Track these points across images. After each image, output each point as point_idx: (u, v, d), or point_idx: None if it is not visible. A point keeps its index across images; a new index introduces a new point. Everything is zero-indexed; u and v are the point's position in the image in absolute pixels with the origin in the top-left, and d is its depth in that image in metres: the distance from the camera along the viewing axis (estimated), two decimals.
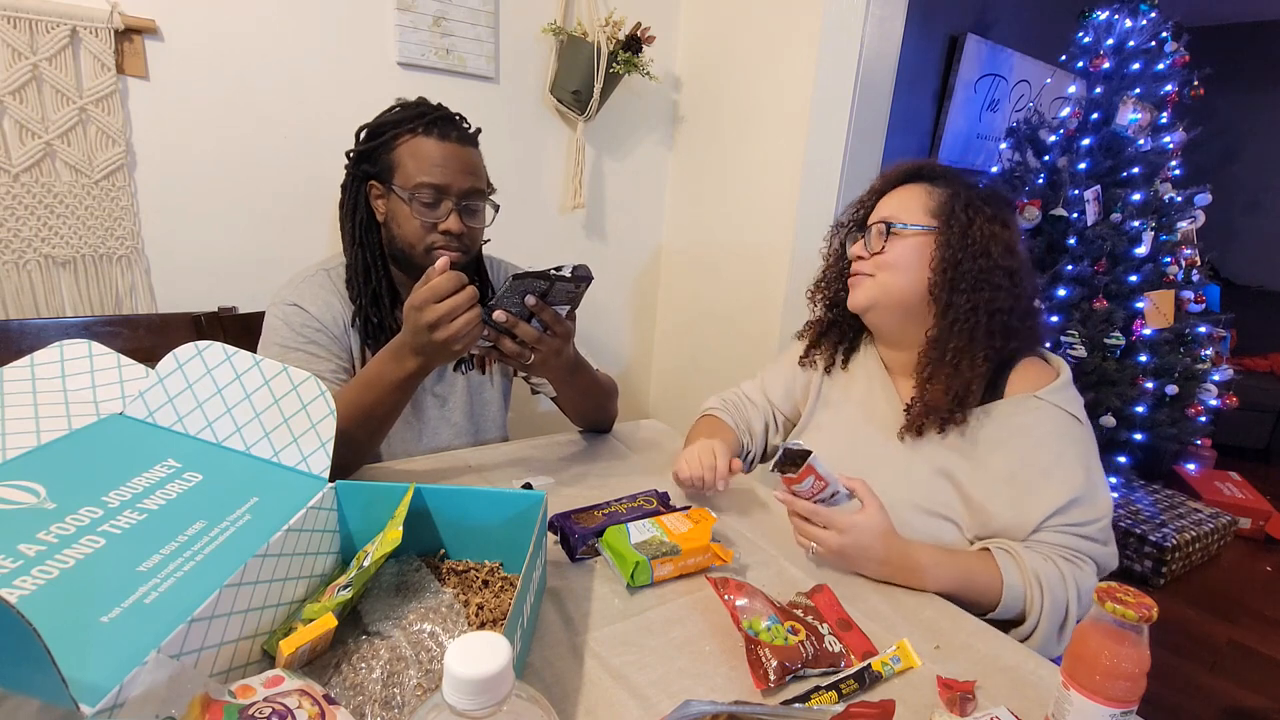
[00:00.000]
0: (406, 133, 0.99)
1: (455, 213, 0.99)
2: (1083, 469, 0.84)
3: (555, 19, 1.69)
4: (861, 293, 0.95)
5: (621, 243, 2.05)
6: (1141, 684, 0.50)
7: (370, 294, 1.03)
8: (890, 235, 0.92)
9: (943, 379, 0.88)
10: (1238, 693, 1.82)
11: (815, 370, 1.08)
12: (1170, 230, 2.51)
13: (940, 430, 0.89)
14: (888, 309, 0.94)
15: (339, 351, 1.01)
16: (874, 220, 0.96)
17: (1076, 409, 0.87)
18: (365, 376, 0.88)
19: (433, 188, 0.98)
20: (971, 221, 0.88)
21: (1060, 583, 0.79)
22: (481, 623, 0.61)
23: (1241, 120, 4.00)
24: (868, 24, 1.49)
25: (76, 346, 0.68)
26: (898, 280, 0.92)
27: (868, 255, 0.94)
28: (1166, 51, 2.50)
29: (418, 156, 0.98)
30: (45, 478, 0.54)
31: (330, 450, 0.66)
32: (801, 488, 0.78)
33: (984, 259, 0.87)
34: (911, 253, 0.91)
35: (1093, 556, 0.83)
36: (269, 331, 1.00)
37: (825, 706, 0.58)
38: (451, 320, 0.79)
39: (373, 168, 1.02)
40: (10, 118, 1.15)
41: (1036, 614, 0.78)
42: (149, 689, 0.40)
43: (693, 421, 1.15)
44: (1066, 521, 0.82)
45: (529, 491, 0.69)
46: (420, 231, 0.99)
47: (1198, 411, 2.60)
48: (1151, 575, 2.32)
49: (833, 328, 1.06)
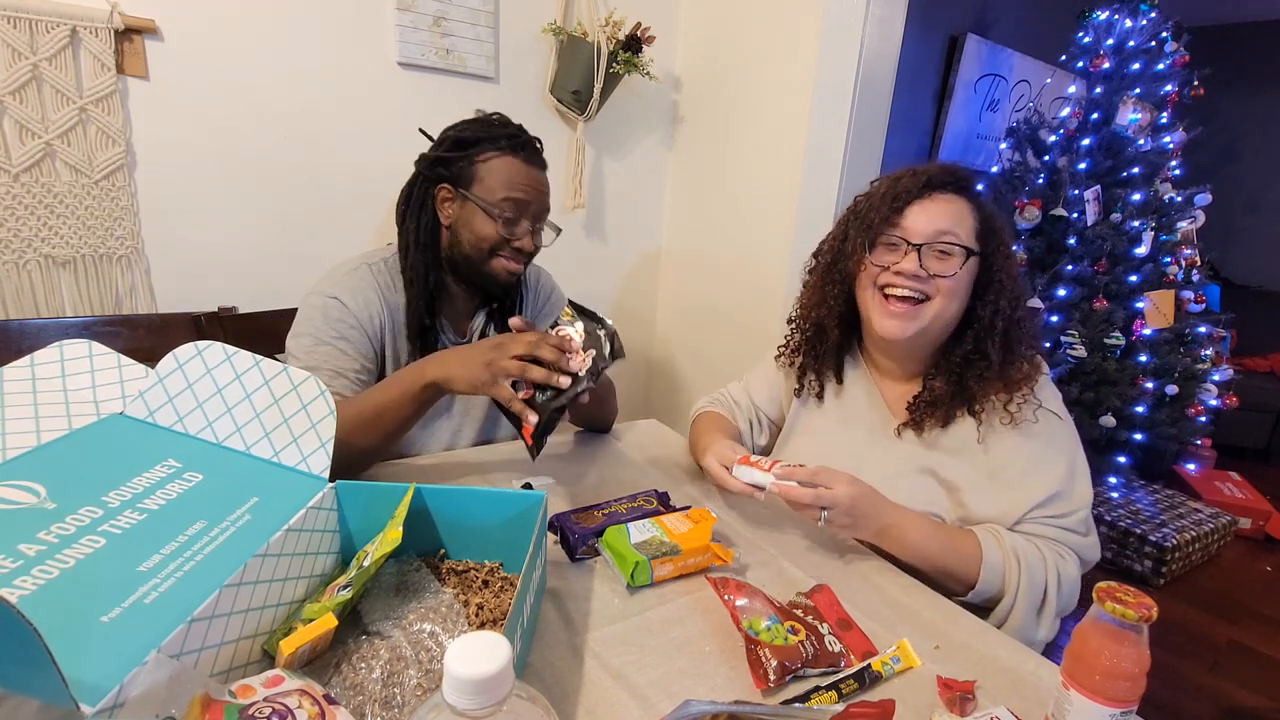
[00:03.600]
0: (495, 149, 1.02)
1: (533, 233, 1.05)
2: (1065, 464, 0.86)
3: (555, 19, 1.69)
4: (910, 321, 0.85)
5: (621, 242, 2.05)
6: (1141, 684, 0.50)
7: (426, 295, 1.05)
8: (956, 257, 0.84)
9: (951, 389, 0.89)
10: (1238, 693, 1.82)
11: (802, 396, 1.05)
12: (1170, 230, 2.51)
13: (943, 425, 0.90)
14: (931, 336, 0.89)
15: (368, 351, 1.02)
16: (926, 235, 0.84)
17: (1057, 405, 0.89)
18: (385, 380, 0.90)
19: (517, 204, 1.01)
20: (1009, 255, 0.88)
21: (1040, 564, 0.80)
22: (481, 623, 0.61)
23: (1241, 120, 4.00)
24: (868, 24, 1.49)
25: (76, 346, 0.68)
26: (953, 306, 0.86)
27: (927, 275, 0.84)
28: (1166, 51, 2.51)
29: (507, 173, 1.01)
30: (45, 478, 0.54)
31: (330, 450, 0.66)
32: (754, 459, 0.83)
33: (1008, 279, 0.88)
34: (968, 278, 0.87)
35: (1073, 547, 0.84)
36: (303, 320, 1.00)
37: (825, 706, 0.57)
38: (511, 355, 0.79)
39: (448, 172, 1.03)
40: (10, 118, 1.15)
41: (1014, 591, 0.79)
42: (149, 689, 0.40)
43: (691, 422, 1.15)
44: (1047, 514, 0.84)
45: (529, 491, 0.69)
46: (494, 241, 1.02)
47: (1198, 411, 2.60)
48: (1151, 575, 2.32)
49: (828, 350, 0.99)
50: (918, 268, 0.84)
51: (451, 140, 1.04)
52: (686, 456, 1.13)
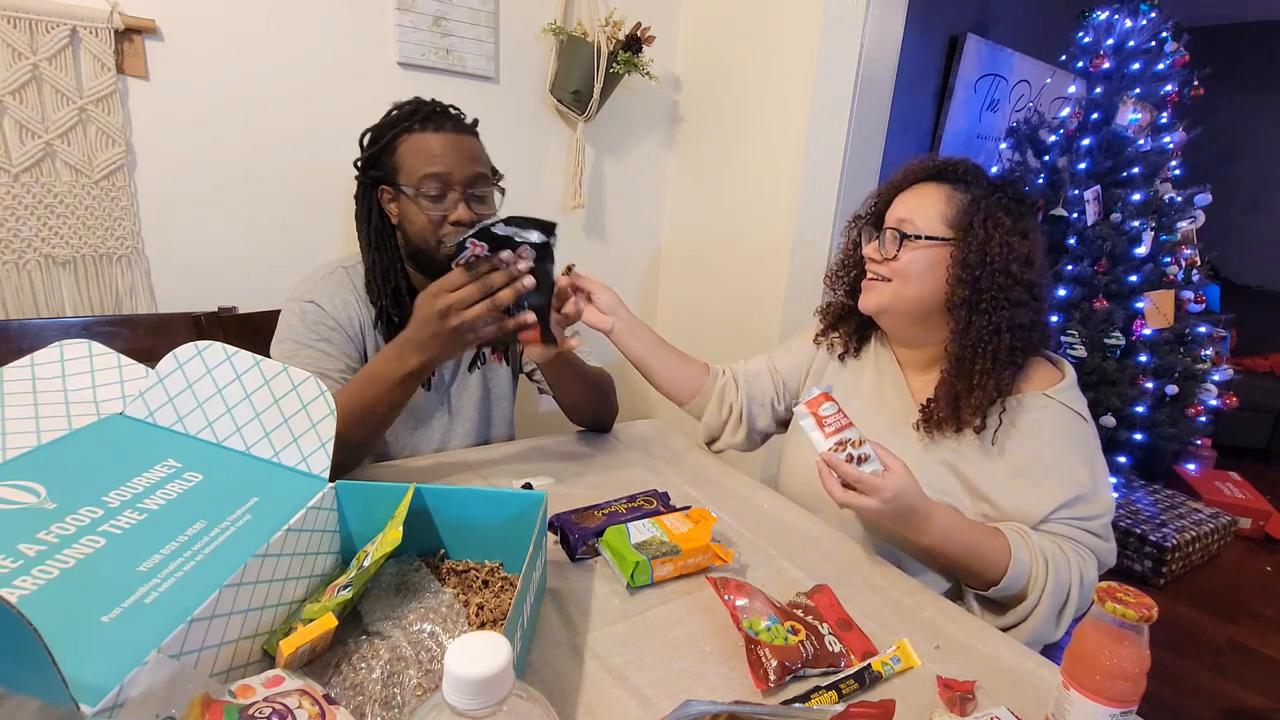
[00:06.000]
0: (404, 131, 0.99)
1: (463, 201, 0.99)
2: (1087, 467, 0.85)
3: (555, 19, 1.69)
4: (873, 297, 0.94)
5: (621, 242, 2.05)
6: (1141, 684, 0.50)
7: (390, 293, 1.04)
8: (905, 242, 0.90)
9: (965, 394, 0.87)
10: (1238, 693, 1.82)
11: (829, 354, 1.08)
12: (1170, 230, 2.51)
13: (956, 431, 0.89)
14: (900, 315, 0.94)
15: (351, 351, 1.02)
16: (891, 221, 0.93)
17: (1083, 408, 0.89)
18: (365, 373, 0.88)
19: (436, 178, 0.98)
20: (990, 237, 0.85)
21: (1065, 565, 0.80)
22: (481, 623, 0.61)
23: (1241, 120, 4.00)
24: (868, 24, 1.49)
25: (76, 346, 0.68)
26: (911, 289, 0.90)
27: (880, 259, 0.92)
28: (1166, 51, 2.51)
29: (417, 152, 0.98)
30: (45, 478, 0.54)
31: (330, 450, 0.66)
32: (825, 411, 0.77)
33: (1004, 276, 0.85)
34: (926, 262, 0.89)
35: (1094, 550, 0.84)
36: (284, 327, 1.00)
37: (825, 706, 0.57)
38: (464, 309, 0.79)
39: (379, 172, 1.02)
40: (10, 118, 1.15)
41: (1039, 591, 0.79)
42: (149, 689, 0.40)
43: (691, 421, 1.15)
44: (1072, 515, 0.84)
45: (529, 491, 0.69)
46: (431, 225, 0.99)
47: (1198, 411, 2.60)
48: (1151, 575, 2.32)
49: (850, 313, 1.05)
50: (876, 251, 0.93)
51: (370, 139, 1.03)
52: (687, 456, 1.13)
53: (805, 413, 0.78)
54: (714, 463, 1.11)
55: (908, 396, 0.97)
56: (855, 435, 0.77)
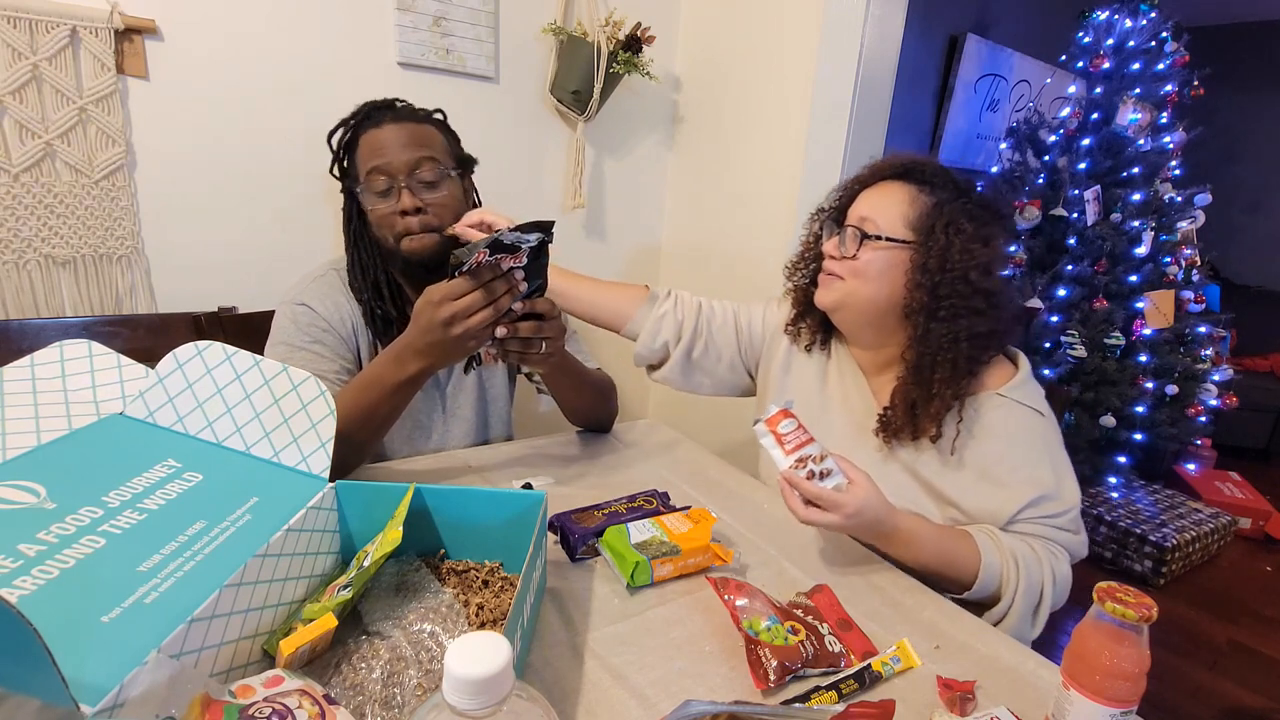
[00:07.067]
0: (354, 134, 1.02)
1: (405, 189, 0.98)
2: (1049, 464, 0.86)
3: (555, 19, 1.69)
4: (829, 294, 0.93)
5: (621, 242, 2.05)
6: (1141, 684, 0.50)
7: (371, 287, 1.05)
8: (865, 241, 0.89)
9: (923, 402, 0.87)
10: (1238, 693, 1.82)
11: (795, 344, 1.06)
12: (1170, 230, 2.51)
13: (913, 439, 0.89)
14: (854, 314, 0.93)
15: (345, 352, 1.02)
16: (853, 218, 0.92)
17: (1038, 403, 0.88)
18: (365, 378, 0.88)
19: (378, 172, 0.98)
20: (951, 243, 0.84)
21: (1036, 564, 0.81)
22: (481, 623, 0.61)
23: (1241, 120, 4.00)
24: (868, 24, 1.49)
25: (76, 346, 0.68)
26: (867, 289, 0.89)
27: (839, 256, 0.91)
28: (1166, 51, 2.51)
29: (364, 149, 1.00)
30: (45, 478, 0.54)
31: (330, 450, 0.66)
32: (784, 429, 0.76)
33: (963, 284, 0.84)
34: (884, 263, 0.88)
35: (1064, 545, 0.85)
36: (277, 330, 1.01)
37: (825, 706, 0.57)
38: (468, 316, 0.79)
39: (346, 177, 1.05)
40: (10, 118, 1.15)
41: (1011, 592, 0.79)
42: (149, 689, 0.40)
43: (691, 421, 1.15)
44: (1039, 514, 0.84)
45: (529, 491, 0.69)
46: (386, 222, 1.00)
47: (1198, 411, 2.60)
48: (1151, 575, 2.32)
49: (812, 308, 1.02)
50: (835, 248, 0.92)
51: (333, 149, 1.05)
52: (687, 456, 1.12)
53: (765, 430, 0.78)
54: (714, 463, 1.11)
55: (869, 396, 0.97)
56: (817, 451, 0.76)
